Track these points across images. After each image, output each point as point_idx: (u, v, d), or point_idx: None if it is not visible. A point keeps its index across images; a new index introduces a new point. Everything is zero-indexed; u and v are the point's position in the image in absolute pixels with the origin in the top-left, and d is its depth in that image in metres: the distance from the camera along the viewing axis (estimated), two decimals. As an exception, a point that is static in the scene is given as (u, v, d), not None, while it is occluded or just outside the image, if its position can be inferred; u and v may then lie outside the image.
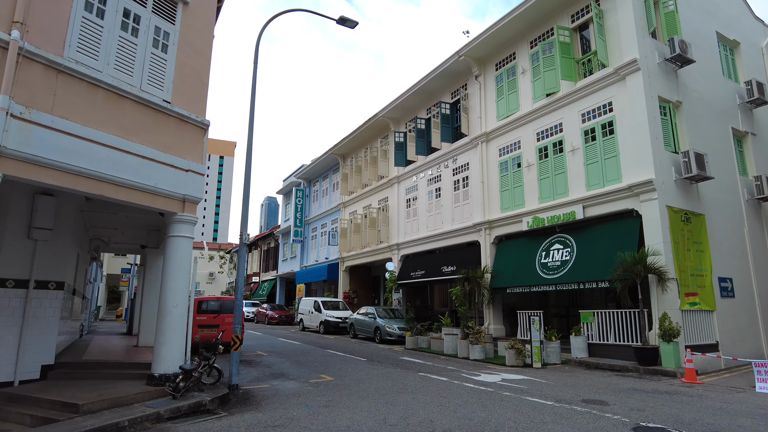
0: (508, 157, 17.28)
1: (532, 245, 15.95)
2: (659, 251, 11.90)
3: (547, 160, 15.75)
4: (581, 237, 14.41)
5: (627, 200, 13.08)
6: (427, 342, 16.57)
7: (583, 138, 14.58)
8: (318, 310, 23.79)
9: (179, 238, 8.28)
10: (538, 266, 15.29)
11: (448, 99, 20.79)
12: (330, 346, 17.20)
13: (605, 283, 12.99)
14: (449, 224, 19.77)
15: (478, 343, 13.59)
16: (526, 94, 16.87)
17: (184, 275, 8.25)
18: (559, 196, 15.13)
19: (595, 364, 12.22)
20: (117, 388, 7.51)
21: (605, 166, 13.87)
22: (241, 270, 9.27)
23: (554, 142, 15.57)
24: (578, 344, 13.19)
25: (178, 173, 8.23)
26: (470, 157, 19.06)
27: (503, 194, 17.30)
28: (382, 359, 13.52)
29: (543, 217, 15.37)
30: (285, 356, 14.04)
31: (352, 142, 27.72)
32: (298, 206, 34.28)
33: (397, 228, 23.47)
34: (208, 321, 14.73)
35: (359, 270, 28.48)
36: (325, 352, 15.01)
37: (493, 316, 16.94)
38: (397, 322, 18.94)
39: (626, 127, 13.33)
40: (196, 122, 8.68)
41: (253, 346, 16.71)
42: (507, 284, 16.17)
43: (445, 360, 13.64)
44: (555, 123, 15.62)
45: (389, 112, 23.75)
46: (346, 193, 28.64)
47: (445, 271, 19.25)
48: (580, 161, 14.59)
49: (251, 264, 47.28)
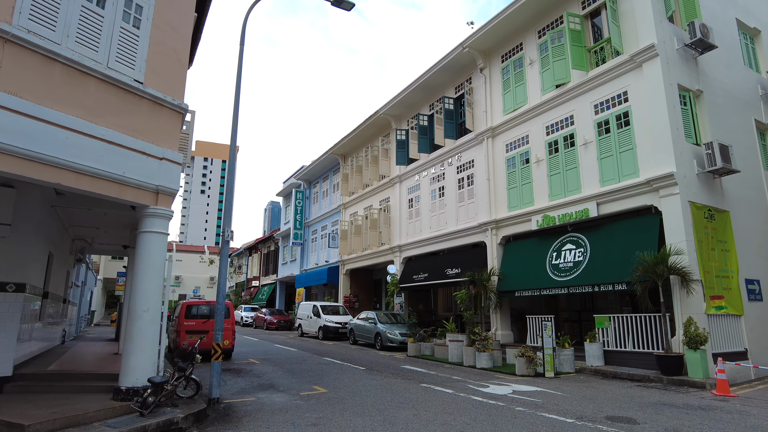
0: (516, 153, 16.36)
1: (542, 246, 15.00)
2: (682, 250, 10.94)
3: (557, 155, 14.82)
4: (595, 236, 13.45)
5: (645, 196, 12.13)
6: (431, 349, 15.61)
7: (596, 130, 13.66)
8: (317, 315, 22.88)
9: (152, 234, 7.41)
10: (548, 268, 14.33)
11: (451, 94, 19.92)
12: (328, 353, 16.27)
13: (622, 285, 12.03)
14: (453, 224, 18.85)
15: (485, 350, 12.63)
16: (534, 86, 15.97)
17: (157, 275, 7.37)
18: (570, 192, 14.20)
19: (613, 374, 11.24)
20: (77, 403, 6.61)
21: (621, 160, 12.94)
22: (223, 270, 8.37)
23: (565, 135, 14.65)
24: (593, 351, 12.21)
25: (151, 161, 7.37)
26: (475, 153, 18.15)
27: (510, 192, 16.37)
28: (382, 368, 12.58)
29: (554, 216, 14.42)
30: (278, 364, 13.13)
31: (352, 142, 26.87)
32: (298, 208, 33.43)
33: (398, 229, 22.56)
34: (197, 326, 13.85)
35: (360, 273, 27.56)
36: (321, 360, 14.08)
37: (501, 321, 15.97)
38: (399, 327, 18.00)
39: (643, 117, 12.40)
40: (172, 106, 7.83)
41: (246, 353, 15.80)
42: (515, 287, 15.21)
43: (449, 369, 12.68)
44: (566, 115, 14.71)
45: (390, 109, 22.90)
46: (347, 194, 27.77)
47: (450, 273, 18.31)
48: (593, 155, 13.66)
49: (251, 268, 46.42)
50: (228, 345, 14.13)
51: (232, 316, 14.44)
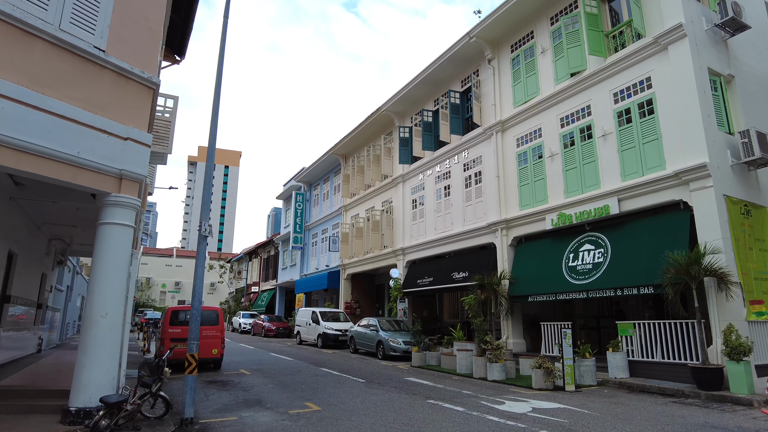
0: (528, 147, 15.26)
1: (558, 246, 13.86)
2: (719, 249, 9.78)
3: (573, 149, 13.72)
4: (617, 235, 12.32)
5: (673, 190, 11.00)
6: (437, 359, 14.44)
7: (616, 121, 12.56)
8: (316, 322, 21.73)
9: (113, 227, 6.35)
10: (565, 270, 13.19)
11: (457, 87, 18.88)
12: (325, 362, 15.12)
13: (649, 288, 10.88)
14: (460, 225, 17.73)
15: (497, 360, 11.47)
16: (547, 75, 14.91)
17: (118, 275, 6.30)
18: (588, 188, 13.08)
19: (641, 387, 10.05)
20: (17, 427, 5.51)
21: (644, 152, 11.83)
22: (199, 270, 7.29)
23: (581, 127, 13.56)
24: (617, 362, 11.03)
25: (113, 142, 6.32)
26: (483, 149, 17.07)
27: (522, 189, 15.25)
28: (384, 380, 11.43)
29: (570, 214, 13.30)
30: (270, 376, 12.00)
31: (353, 141, 25.85)
32: (298, 211, 32.38)
33: (402, 231, 21.45)
34: (182, 334, 12.71)
35: (362, 278, 26.42)
36: (318, 371, 12.94)
37: (512, 328, 14.80)
38: (402, 335, 16.84)
39: (670, 104, 11.30)
40: (141, 79, 6.79)
41: (237, 363, 14.67)
42: (528, 292, 14.06)
43: (458, 381, 11.52)
44: (582, 105, 13.62)
45: (393, 106, 21.87)
46: (348, 196, 26.70)
47: (456, 277, 17.17)
48: (613, 147, 12.56)
49: (251, 273, 45.33)
50: (216, 354, 13.04)
51: (221, 323, 13.35)
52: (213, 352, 12.94)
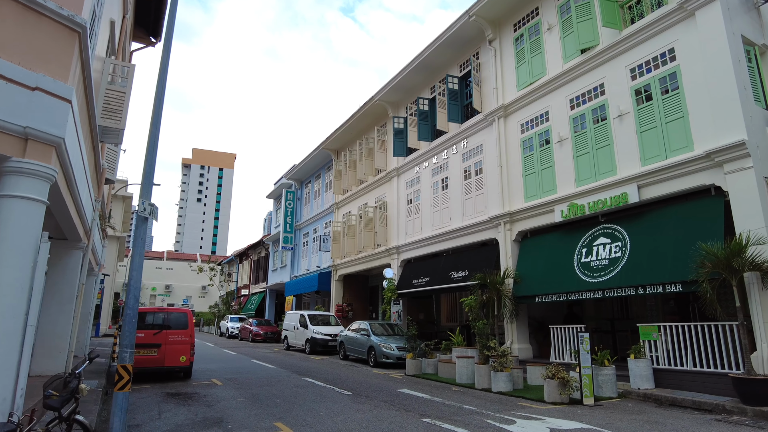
0: (533, 133, 13.89)
1: (569, 241, 12.47)
2: (764, 239, 8.40)
3: (584, 132, 12.36)
4: (636, 226, 10.94)
5: (703, 173, 9.64)
6: (434, 366, 13.00)
7: (634, 99, 11.21)
8: (304, 326, 20.24)
9: (13, 201, 4.89)
10: (577, 267, 11.79)
11: (455, 72, 17.51)
12: (310, 371, 13.64)
13: (676, 286, 9.49)
14: (459, 220, 16.32)
15: (503, 369, 10.03)
16: (554, 54, 13.56)
17: (19, 264, 4.84)
18: (603, 175, 11.71)
19: (671, 400, 8.64)
20: None
21: (667, 132, 10.47)
22: (137, 257, 5.81)
23: (594, 107, 12.20)
24: (640, 370, 9.61)
25: (15, 91, 4.88)
26: (484, 137, 15.69)
27: (527, 179, 13.87)
28: (373, 392, 9.97)
29: (582, 204, 11.91)
30: (244, 387, 10.52)
31: (345, 134, 24.43)
32: (288, 210, 30.90)
33: (396, 228, 20.03)
34: (146, 339, 11.26)
35: (354, 279, 24.96)
36: (299, 381, 11.47)
37: (517, 332, 13.36)
38: (396, 340, 15.37)
39: (698, 77, 9.96)
40: (58, 17, 5.35)
41: (212, 372, 13.17)
42: (535, 291, 12.65)
43: (458, 393, 10.07)
44: (594, 84, 12.27)
45: (387, 95, 20.48)
46: (340, 192, 25.27)
47: (455, 277, 15.74)
48: (630, 129, 11.20)
49: (241, 276, 43.75)
50: (185, 362, 11.55)
51: (191, 327, 11.86)
52: (181, 359, 11.46)
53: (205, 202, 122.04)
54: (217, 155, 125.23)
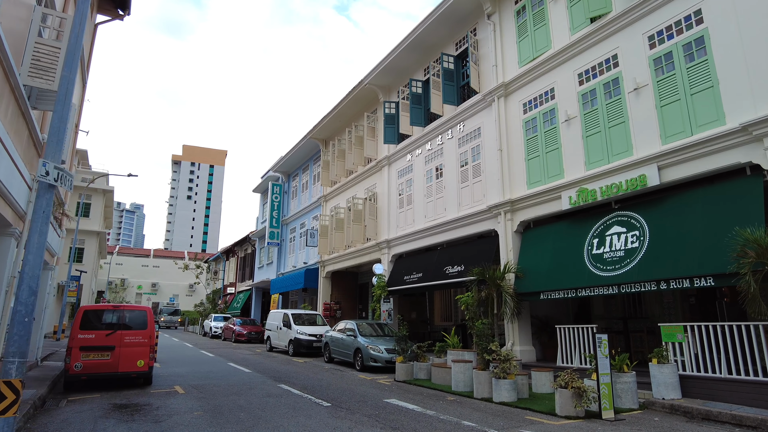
0: (537, 113, 12.57)
1: (577, 230, 11.17)
2: (817, 223, 7.12)
3: (595, 109, 11.05)
4: (656, 213, 9.65)
5: (737, 150, 8.35)
6: (427, 371, 11.64)
7: (653, 70, 9.91)
8: (287, 326, 18.80)
9: None
10: (588, 260, 10.49)
11: (451, 51, 16.15)
12: (289, 376, 12.24)
13: (707, 279, 8.20)
14: (454, 211, 14.97)
15: (506, 376, 8.68)
16: (560, 25, 12.25)
17: None
18: (617, 156, 10.41)
19: (704, 413, 7.33)
20: None
21: (693, 104, 9.17)
22: (34, 235, 4.39)
23: (606, 81, 10.90)
24: (664, 377, 8.30)
25: None
26: (482, 119, 14.35)
27: (531, 163, 12.55)
28: (357, 403, 8.59)
29: (593, 189, 10.60)
30: (208, 397, 9.10)
31: (334, 122, 23.00)
32: (275, 204, 29.42)
33: (387, 221, 18.66)
34: (97, 340, 9.81)
35: (343, 276, 23.54)
36: (274, 389, 10.07)
37: (519, 332, 12.04)
38: (386, 341, 13.99)
39: (730, 40, 8.67)
40: None
41: (178, 377, 11.72)
42: (540, 287, 11.33)
43: (455, 404, 8.71)
44: (606, 56, 10.97)
45: (377, 78, 19.09)
46: (328, 184, 23.84)
47: (450, 272, 14.40)
48: (649, 103, 9.90)
49: (228, 273, 42.18)
50: (143, 367, 10.09)
51: (150, 327, 10.41)
52: (138, 364, 10.01)
53: (196, 200, 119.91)
54: (208, 152, 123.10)
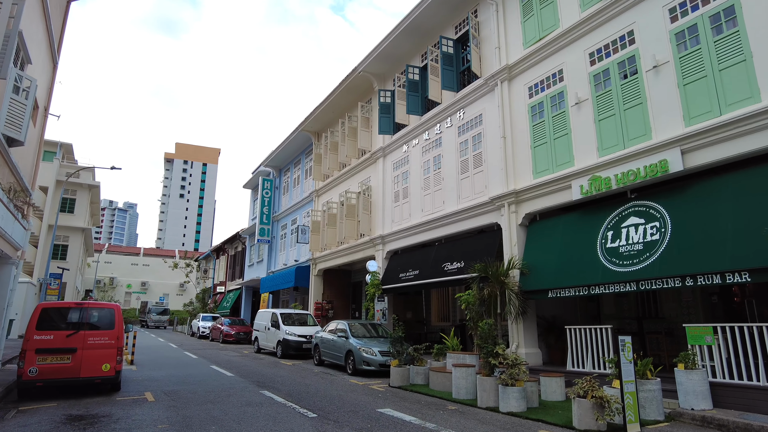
0: (544, 96, 11.64)
1: (589, 223, 10.25)
2: None
3: (608, 91, 10.13)
4: (678, 202, 8.74)
5: (774, 130, 7.46)
6: (424, 376, 10.67)
7: (675, 45, 9.00)
8: (276, 326, 17.77)
9: None
10: (601, 254, 9.56)
11: (450, 34, 15.20)
12: (275, 381, 11.23)
13: (743, 275, 7.30)
14: (454, 204, 14.02)
15: (515, 383, 7.72)
16: (569, 1, 11.34)
17: None
18: (633, 141, 9.50)
19: (744, 428, 6.41)
20: None
21: (722, 81, 8.26)
22: None
23: (620, 60, 9.98)
24: (693, 385, 7.38)
25: None
26: (484, 105, 13.41)
27: (537, 151, 11.61)
28: (346, 414, 7.61)
29: (607, 177, 9.68)
30: (179, 406, 8.08)
31: (326, 113, 21.98)
32: (265, 200, 28.37)
33: (381, 216, 17.68)
34: (56, 342, 8.77)
35: (336, 275, 22.54)
36: (254, 397, 9.06)
37: (524, 333, 11.10)
38: (379, 343, 13.00)
39: (765, 7, 7.78)
40: None
41: (151, 382, 10.68)
42: (548, 285, 10.40)
43: (457, 414, 7.75)
44: (621, 32, 10.05)
45: (371, 65, 18.12)
46: (320, 179, 22.84)
47: (449, 269, 13.45)
48: (669, 81, 9.00)
49: (218, 272, 41.04)
50: (109, 371, 9.04)
51: (118, 327, 9.37)
52: (104, 368, 8.97)
53: (188, 198, 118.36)
54: (201, 150, 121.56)
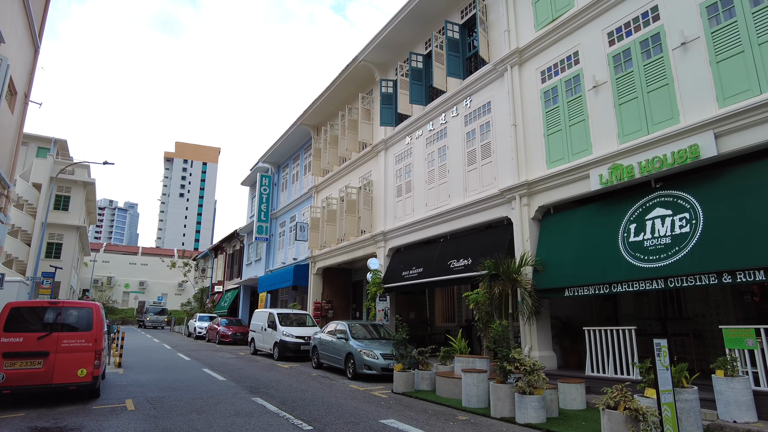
0: (558, 80, 10.84)
1: (610, 215, 9.45)
2: None
3: (630, 72, 9.33)
4: (710, 191, 7.95)
5: (824, 109, 6.66)
6: (430, 381, 9.88)
7: (705, 20, 8.21)
8: (273, 327, 16.99)
9: None
10: (624, 249, 8.77)
11: (456, 19, 14.42)
12: (269, 386, 10.45)
13: (788, 271, 6.49)
14: (460, 197, 13.23)
15: (533, 391, 6.93)
16: (585, -22, 10.54)
17: None
18: (659, 125, 8.70)
19: (795, 443, 5.62)
20: None
21: (761, 57, 7.47)
22: None
23: (643, 39, 9.18)
24: (735, 394, 6.58)
25: None
26: (493, 92, 12.61)
27: (551, 139, 10.82)
28: (345, 426, 6.82)
29: (630, 165, 8.88)
30: (161, 415, 7.30)
31: (326, 106, 21.19)
32: (263, 197, 27.59)
33: (383, 211, 16.89)
34: (26, 345, 7.99)
35: (336, 273, 21.76)
36: (245, 405, 8.27)
37: (538, 336, 10.30)
38: (381, 345, 12.22)
39: (811, -26, 7.00)
40: None
41: (136, 387, 9.89)
42: (565, 283, 9.61)
43: (469, 425, 6.95)
44: (643, 9, 9.25)
45: (372, 54, 17.33)
46: (320, 174, 22.05)
47: (455, 267, 12.67)
48: (700, 60, 8.20)
49: (216, 271, 40.27)
50: (86, 377, 8.25)
51: (97, 328, 8.59)
52: (79, 373, 8.18)
53: (188, 197, 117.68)
54: (201, 149, 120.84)
